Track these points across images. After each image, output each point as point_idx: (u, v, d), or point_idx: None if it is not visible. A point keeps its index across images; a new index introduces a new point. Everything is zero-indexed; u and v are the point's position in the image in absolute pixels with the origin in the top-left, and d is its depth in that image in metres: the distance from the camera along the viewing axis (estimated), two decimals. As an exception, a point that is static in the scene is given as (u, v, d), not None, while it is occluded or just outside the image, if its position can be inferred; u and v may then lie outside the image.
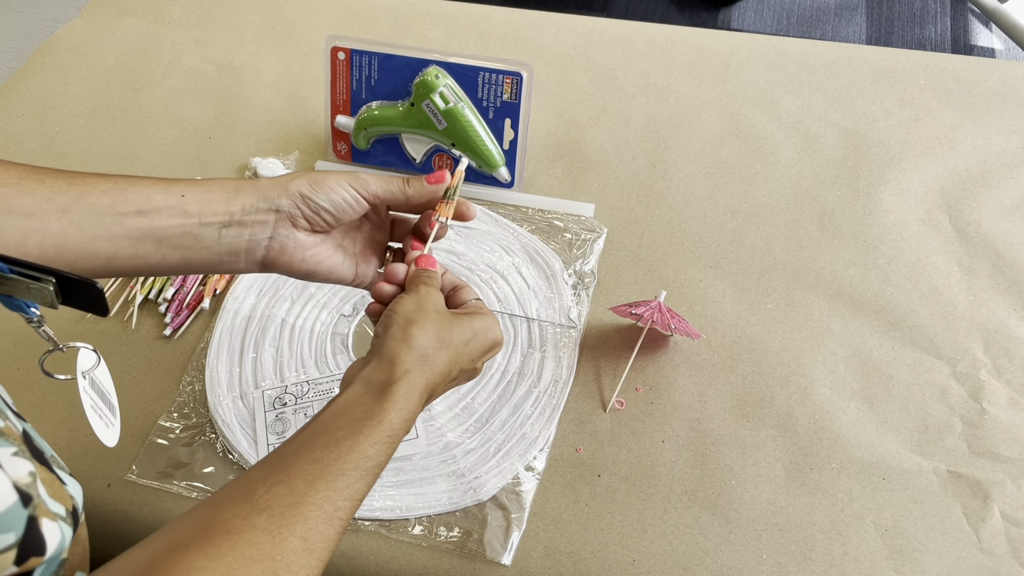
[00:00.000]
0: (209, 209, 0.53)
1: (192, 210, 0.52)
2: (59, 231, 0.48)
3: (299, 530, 0.42)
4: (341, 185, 0.55)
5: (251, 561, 0.39)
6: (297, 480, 0.44)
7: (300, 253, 0.55)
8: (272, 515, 0.42)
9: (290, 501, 0.43)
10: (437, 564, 0.61)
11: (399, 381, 0.49)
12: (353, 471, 0.45)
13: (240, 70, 0.98)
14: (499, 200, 0.84)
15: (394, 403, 0.48)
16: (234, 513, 0.42)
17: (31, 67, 0.99)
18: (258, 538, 0.41)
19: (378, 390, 0.49)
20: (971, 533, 0.61)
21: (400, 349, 0.50)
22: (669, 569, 0.60)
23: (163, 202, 0.51)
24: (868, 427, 0.67)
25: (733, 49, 0.98)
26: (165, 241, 0.52)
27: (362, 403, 0.48)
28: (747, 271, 0.78)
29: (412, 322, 0.52)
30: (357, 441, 0.46)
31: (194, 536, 0.40)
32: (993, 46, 1.95)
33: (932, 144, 0.87)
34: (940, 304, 0.74)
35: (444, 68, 0.80)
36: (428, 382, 0.50)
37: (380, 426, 0.47)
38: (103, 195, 0.50)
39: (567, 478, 0.65)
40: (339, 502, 0.44)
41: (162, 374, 0.72)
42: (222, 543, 0.40)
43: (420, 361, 0.50)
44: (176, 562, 0.38)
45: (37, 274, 0.44)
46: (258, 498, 0.42)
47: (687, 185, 0.85)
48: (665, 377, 0.70)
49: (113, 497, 0.65)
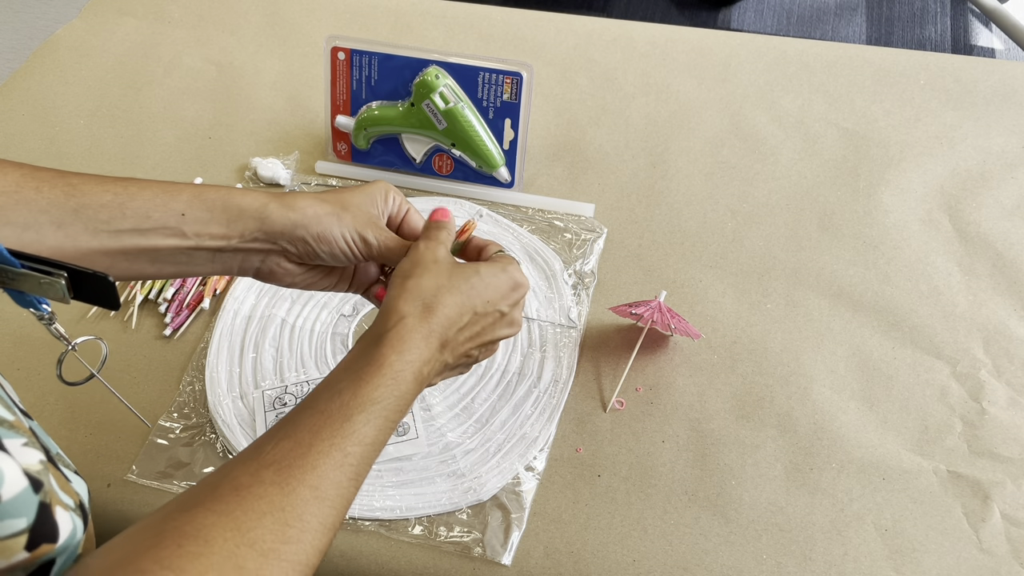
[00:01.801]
0: (207, 232, 0.52)
1: (190, 231, 0.52)
2: (55, 244, 0.48)
3: (308, 479, 0.42)
4: (346, 240, 0.54)
5: (260, 514, 0.40)
6: (302, 432, 0.44)
7: (289, 278, 0.56)
8: (279, 468, 0.42)
9: (297, 452, 0.43)
10: (437, 564, 0.61)
11: (395, 327, 0.49)
12: (359, 415, 0.45)
13: (240, 70, 0.98)
14: (499, 200, 0.84)
15: (391, 346, 0.48)
16: (242, 471, 0.42)
17: (31, 67, 0.99)
18: (266, 491, 0.41)
19: (376, 340, 0.49)
20: (971, 533, 0.61)
21: (395, 300, 0.50)
22: (669, 569, 0.60)
23: (161, 220, 0.51)
24: (868, 427, 0.67)
25: (733, 49, 0.98)
26: (160, 259, 0.52)
27: (361, 354, 0.49)
28: (747, 271, 0.78)
29: (408, 275, 0.52)
30: (359, 387, 0.46)
31: (204, 495, 0.40)
32: (993, 46, 1.95)
33: (932, 144, 0.87)
34: (940, 304, 0.74)
35: (444, 68, 0.80)
36: (433, 326, 0.50)
37: (381, 369, 0.47)
38: (101, 209, 0.49)
39: (567, 478, 0.65)
40: (347, 448, 0.44)
41: (162, 374, 0.72)
42: (230, 499, 0.40)
43: (419, 308, 0.50)
44: (186, 521, 0.38)
45: (49, 268, 0.44)
46: (265, 454, 0.43)
47: (687, 185, 0.85)
48: (665, 377, 0.70)
49: (113, 497, 0.65)
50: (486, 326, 0.54)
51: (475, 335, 0.54)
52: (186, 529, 0.38)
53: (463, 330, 0.52)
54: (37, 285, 0.44)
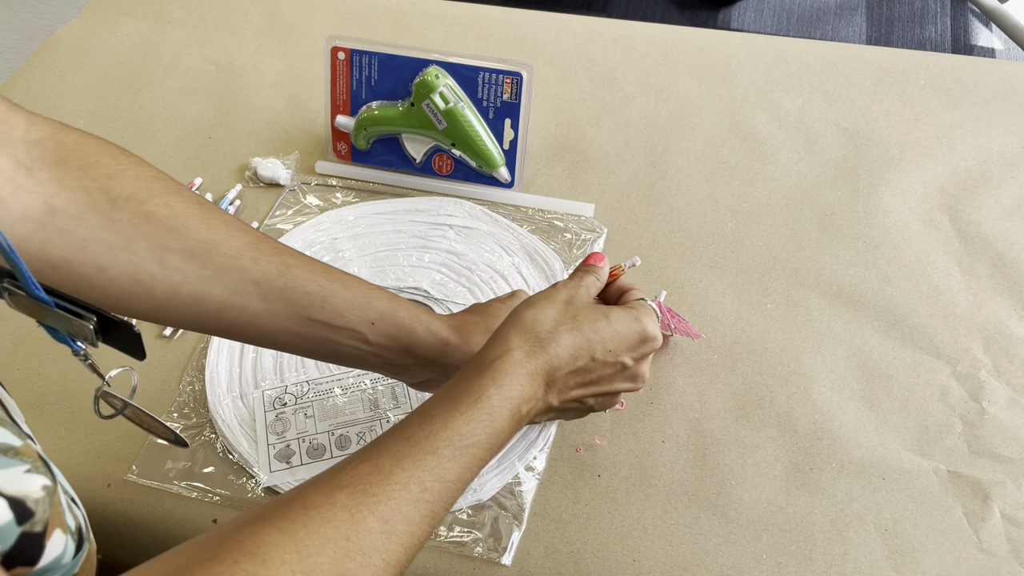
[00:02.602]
0: (388, 346, 0.54)
1: (373, 341, 0.53)
2: (254, 314, 0.50)
3: (380, 510, 0.40)
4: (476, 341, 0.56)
5: (324, 539, 0.38)
6: (384, 458, 0.42)
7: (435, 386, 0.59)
8: (353, 492, 0.40)
9: (374, 479, 0.41)
10: (437, 564, 0.61)
11: (500, 359, 0.47)
12: (445, 449, 0.43)
13: (240, 70, 0.98)
14: (499, 200, 0.84)
15: (493, 379, 0.46)
16: (316, 490, 0.40)
17: (31, 67, 0.99)
18: (335, 515, 0.39)
19: (478, 369, 0.47)
20: (971, 533, 0.61)
21: (508, 330, 0.49)
22: (669, 569, 0.60)
23: (352, 324, 0.53)
24: (868, 427, 0.67)
25: (733, 49, 0.98)
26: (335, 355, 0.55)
27: (461, 382, 0.47)
28: (747, 271, 0.78)
29: (528, 306, 0.51)
30: (451, 417, 0.44)
31: (274, 511, 0.39)
32: (993, 46, 1.95)
33: (932, 144, 0.87)
34: (940, 304, 0.74)
35: (444, 68, 0.80)
36: (541, 363, 0.48)
37: (477, 403, 0.45)
38: (303, 297, 0.51)
39: (567, 478, 0.65)
40: (427, 482, 0.42)
41: (162, 374, 0.72)
42: (297, 518, 0.38)
43: (530, 342, 0.48)
44: (249, 535, 0.37)
45: (79, 311, 0.43)
46: (343, 475, 0.41)
47: (687, 185, 0.85)
48: (665, 377, 0.70)
49: (113, 497, 0.65)
50: (603, 376, 0.52)
51: (589, 382, 0.52)
52: (246, 544, 0.36)
53: (575, 374, 0.50)
54: (68, 324, 0.44)
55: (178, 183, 0.52)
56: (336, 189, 0.86)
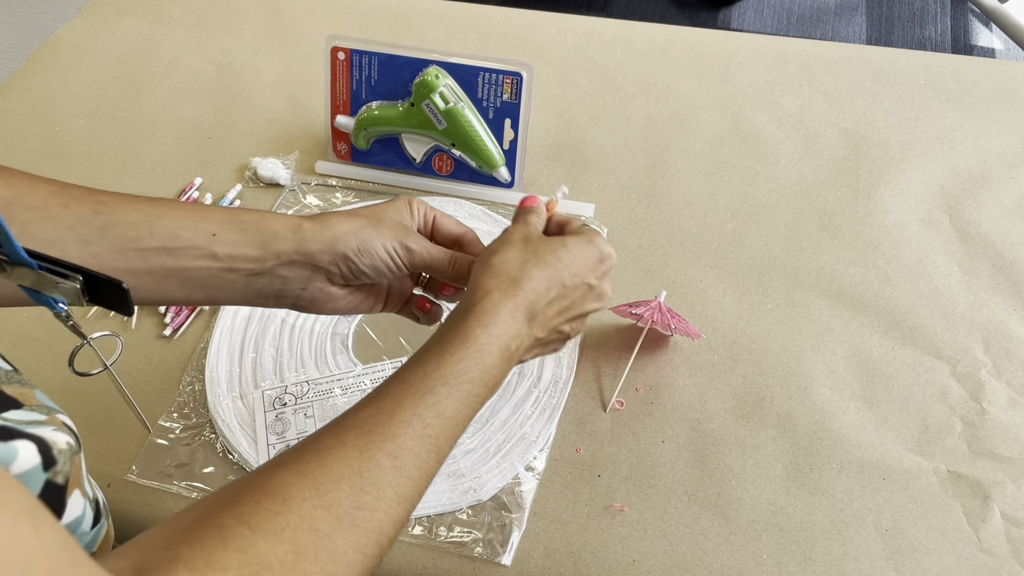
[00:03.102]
0: (239, 253, 0.51)
1: (221, 253, 0.50)
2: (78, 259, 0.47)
3: (387, 447, 0.42)
4: (389, 251, 0.54)
5: (339, 477, 0.40)
6: (385, 400, 0.45)
7: (331, 304, 0.55)
8: (360, 432, 0.42)
9: (378, 419, 0.43)
10: (437, 564, 0.61)
11: (480, 302, 0.49)
12: (441, 387, 0.45)
13: (240, 70, 0.98)
14: (499, 200, 0.84)
15: (477, 320, 0.48)
16: (325, 433, 0.43)
17: (31, 67, 0.99)
18: (347, 454, 0.41)
19: (461, 315, 0.49)
20: (971, 533, 0.61)
21: (480, 277, 0.51)
22: (669, 569, 0.60)
23: (191, 240, 0.49)
24: (868, 427, 0.67)
25: (733, 49, 0.98)
26: (190, 281, 0.50)
27: (448, 330, 0.49)
28: (747, 271, 0.78)
29: (492, 252, 0.52)
30: (443, 359, 0.47)
31: (289, 457, 0.41)
32: (993, 46, 1.95)
33: (932, 144, 0.87)
34: (940, 304, 0.74)
35: (444, 68, 0.80)
36: (520, 300, 0.50)
37: (466, 343, 0.47)
38: (128, 228, 0.48)
39: (567, 478, 0.65)
40: (428, 419, 0.44)
41: (162, 374, 0.72)
42: (311, 459, 0.40)
43: (505, 282, 0.50)
44: (268, 479, 0.39)
45: (66, 271, 0.43)
46: (348, 419, 0.43)
47: (687, 185, 0.85)
48: (665, 377, 0.70)
49: (113, 497, 0.65)
50: (575, 299, 0.54)
51: (564, 309, 0.53)
52: (267, 487, 0.38)
53: (552, 304, 0.52)
54: (53, 286, 0.44)
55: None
56: (336, 189, 0.86)
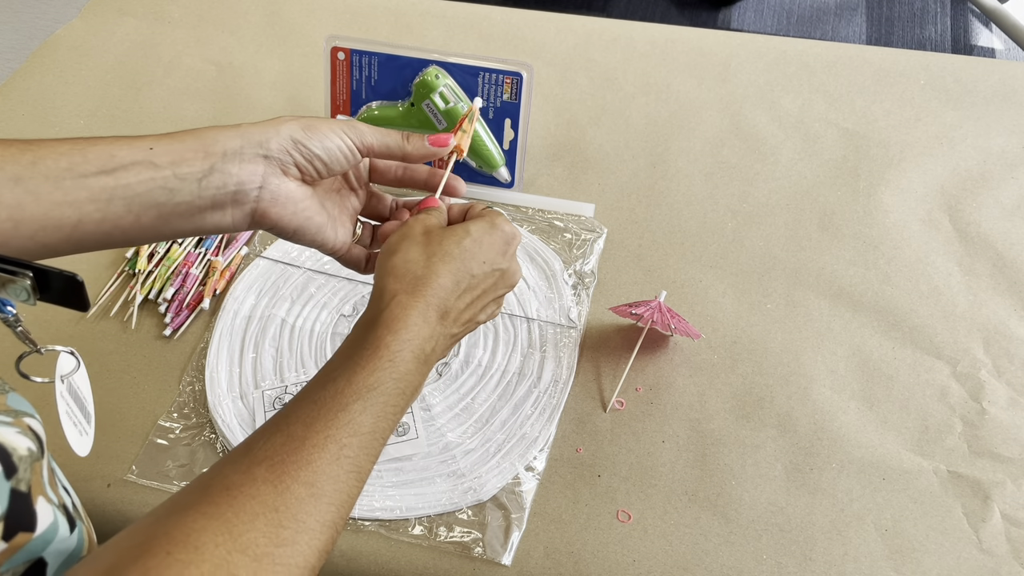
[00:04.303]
0: (183, 158, 0.47)
1: (163, 162, 0.47)
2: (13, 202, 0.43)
3: (302, 476, 0.40)
4: (336, 132, 0.51)
5: (253, 516, 0.38)
6: (295, 425, 0.42)
7: (292, 205, 0.51)
8: (272, 464, 0.40)
9: (290, 447, 0.40)
10: (437, 564, 0.61)
11: (388, 307, 0.47)
12: (354, 404, 0.43)
13: (240, 70, 0.98)
14: (499, 200, 0.84)
15: (387, 328, 0.46)
16: (233, 469, 0.40)
17: (31, 67, 0.99)
18: (259, 490, 0.38)
19: (369, 323, 0.47)
20: (971, 533, 0.61)
21: (384, 280, 0.48)
22: (669, 569, 0.60)
23: (128, 158, 0.46)
24: (868, 427, 0.67)
25: (733, 49, 0.98)
26: (136, 200, 0.46)
27: (356, 340, 0.46)
28: (747, 271, 0.78)
29: (393, 252, 0.50)
30: (354, 373, 0.44)
31: (194, 498, 0.38)
32: (993, 46, 1.95)
33: (932, 144, 0.87)
34: (940, 304, 0.74)
35: (444, 68, 0.80)
36: (429, 300, 0.48)
37: (376, 352, 0.45)
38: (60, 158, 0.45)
39: (567, 478, 0.65)
40: (343, 439, 0.42)
41: (162, 374, 0.72)
42: (221, 500, 0.38)
43: (410, 283, 0.48)
44: (175, 525, 0.36)
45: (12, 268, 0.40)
46: (256, 451, 0.41)
47: (687, 185, 0.85)
48: (665, 377, 0.70)
49: (113, 497, 0.65)
50: (487, 287, 0.52)
51: (476, 299, 0.51)
52: (175, 534, 0.36)
53: (462, 296, 0.50)
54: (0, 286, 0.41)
55: None
56: (336, 189, 0.86)
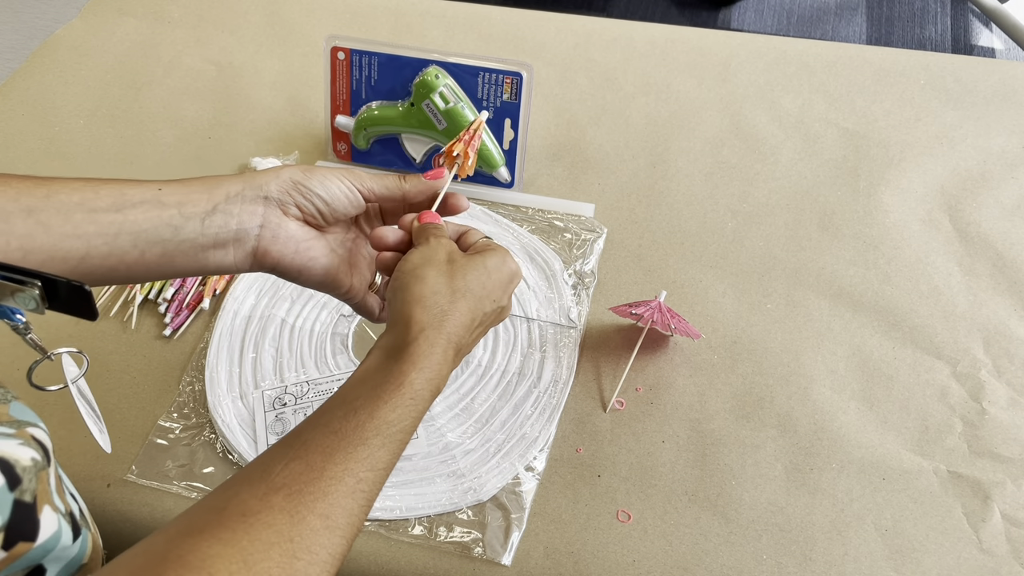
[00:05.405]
0: (188, 199, 0.49)
1: (170, 201, 0.49)
2: (24, 232, 0.44)
3: (319, 507, 0.40)
4: (335, 175, 0.53)
5: (268, 544, 0.38)
6: (314, 455, 0.42)
7: (293, 244, 0.52)
8: (289, 493, 0.40)
9: (308, 477, 0.41)
10: (437, 564, 0.61)
11: (415, 341, 0.47)
12: (374, 439, 0.43)
13: (240, 70, 0.98)
14: (499, 200, 0.84)
15: (413, 364, 0.46)
16: (250, 494, 0.40)
17: (31, 67, 0.99)
18: (275, 519, 0.38)
19: (395, 354, 0.47)
20: (971, 533, 0.61)
21: (413, 309, 0.48)
22: (669, 569, 0.60)
23: (138, 197, 0.48)
24: (868, 427, 0.67)
25: (733, 49, 0.98)
26: (142, 236, 0.48)
27: (380, 369, 0.46)
28: (747, 271, 0.78)
29: (422, 279, 0.49)
30: (377, 407, 0.44)
31: (209, 520, 0.38)
32: (993, 46, 1.95)
33: (932, 144, 0.87)
34: (940, 304, 0.74)
35: (444, 68, 0.80)
36: (450, 337, 0.48)
37: (400, 389, 0.45)
38: (73, 193, 0.47)
39: (567, 478, 0.65)
40: (360, 473, 0.42)
41: (162, 374, 0.72)
42: (237, 527, 0.38)
43: (437, 317, 0.48)
44: (189, 549, 0.36)
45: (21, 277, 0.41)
46: (274, 476, 0.41)
47: (687, 185, 0.85)
48: (665, 377, 0.70)
49: (113, 497, 0.65)
50: (488, 322, 0.53)
51: (479, 332, 0.53)
52: (189, 559, 0.36)
53: (473, 332, 0.51)
54: (10, 295, 0.42)
55: None
56: (336, 189, 0.86)
